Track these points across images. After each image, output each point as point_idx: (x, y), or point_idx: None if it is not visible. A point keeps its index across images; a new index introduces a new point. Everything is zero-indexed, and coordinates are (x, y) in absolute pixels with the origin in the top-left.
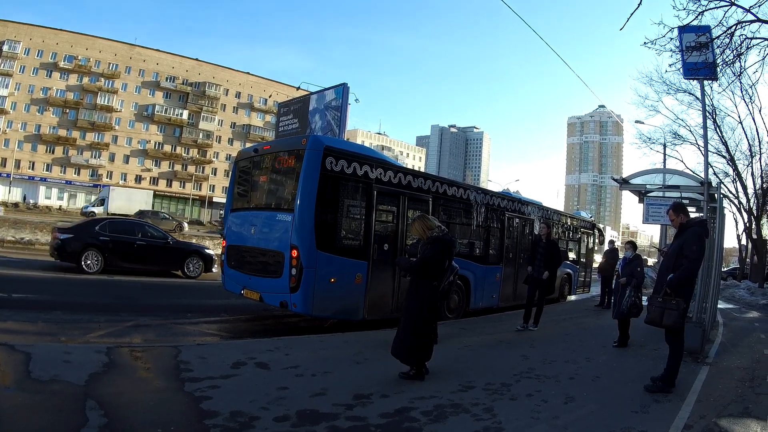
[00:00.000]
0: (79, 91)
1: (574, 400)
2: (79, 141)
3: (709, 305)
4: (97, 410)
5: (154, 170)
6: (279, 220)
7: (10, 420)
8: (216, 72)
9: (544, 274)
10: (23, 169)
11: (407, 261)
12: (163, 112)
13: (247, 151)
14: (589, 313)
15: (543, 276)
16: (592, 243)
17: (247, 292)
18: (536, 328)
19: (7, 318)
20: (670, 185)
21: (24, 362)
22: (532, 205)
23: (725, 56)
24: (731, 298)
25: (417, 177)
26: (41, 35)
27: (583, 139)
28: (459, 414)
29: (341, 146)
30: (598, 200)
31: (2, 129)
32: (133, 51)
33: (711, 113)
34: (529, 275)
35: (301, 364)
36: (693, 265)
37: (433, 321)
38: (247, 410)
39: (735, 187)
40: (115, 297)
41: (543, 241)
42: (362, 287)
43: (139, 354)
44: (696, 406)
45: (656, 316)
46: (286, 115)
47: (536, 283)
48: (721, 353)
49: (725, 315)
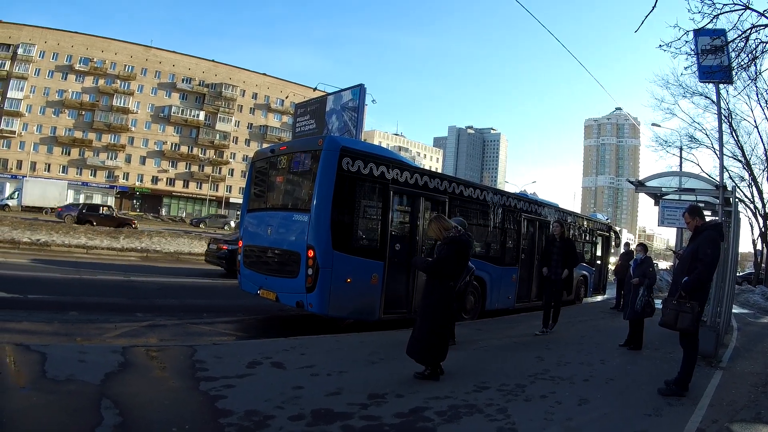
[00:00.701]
0: (95, 93)
1: (588, 402)
2: (95, 143)
3: (724, 309)
4: (113, 409)
5: (171, 171)
6: (295, 220)
7: (25, 419)
8: (232, 73)
9: (563, 273)
10: (39, 171)
11: (423, 261)
12: (180, 113)
13: (263, 151)
14: (605, 315)
15: (562, 276)
16: (608, 245)
17: (264, 292)
18: (553, 329)
19: (23, 319)
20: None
21: (39, 362)
22: (548, 207)
23: (740, 60)
24: (746, 303)
25: (433, 178)
26: (56, 38)
27: (600, 142)
28: (473, 414)
29: (357, 147)
30: (614, 203)
31: (18, 131)
32: (149, 53)
33: (727, 117)
34: (545, 277)
35: (317, 363)
36: (707, 269)
37: (448, 321)
38: (262, 409)
39: (751, 192)
40: (131, 297)
41: (557, 241)
42: (378, 287)
43: (155, 354)
44: (709, 410)
45: (670, 319)
46: (303, 115)
47: (553, 285)
48: (734, 358)
49: (740, 320)
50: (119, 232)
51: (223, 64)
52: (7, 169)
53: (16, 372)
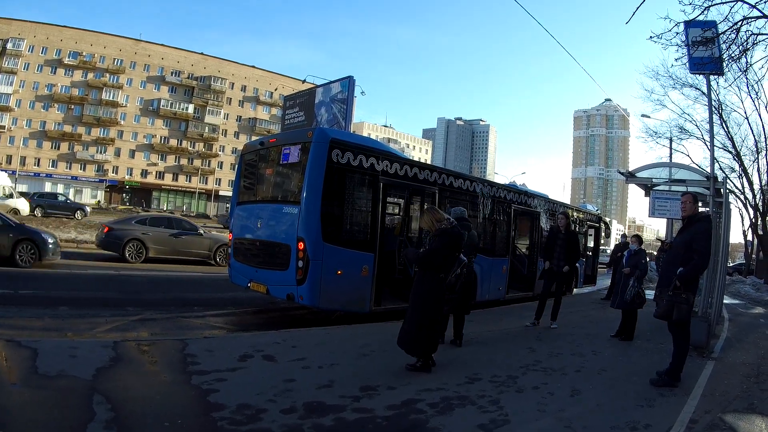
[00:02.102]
0: (84, 87)
1: (580, 393)
2: (84, 136)
3: (715, 300)
4: (105, 404)
5: (160, 164)
6: (285, 212)
7: (17, 415)
8: (221, 66)
9: (564, 267)
10: (29, 165)
11: (414, 252)
12: (169, 106)
13: (253, 144)
14: (596, 306)
15: (564, 269)
16: (598, 236)
17: (254, 285)
18: (556, 325)
19: (14, 314)
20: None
21: (31, 358)
22: (538, 198)
23: (731, 52)
24: (737, 294)
25: (423, 169)
26: (45, 32)
27: (590, 133)
28: (465, 406)
29: (347, 138)
30: (604, 194)
31: (7, 126)
32: (138, 46)
33: (717, 108)
34: (546, 270)
35: (308, 356)
36: (703, 261)
37: (439, 313)
38: (254, 403)
39: (741, 183)
40: (121, 291)
41: (562, 233)
42: (369, 279)
43: (146, 348)
44: (701, 400)
45: (667, 310)
46: (292, 108)
47: (554, 277)
48: (726, 348)
49: (731, 310)
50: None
51: (212, 57)
52: None
53: (7, 368)
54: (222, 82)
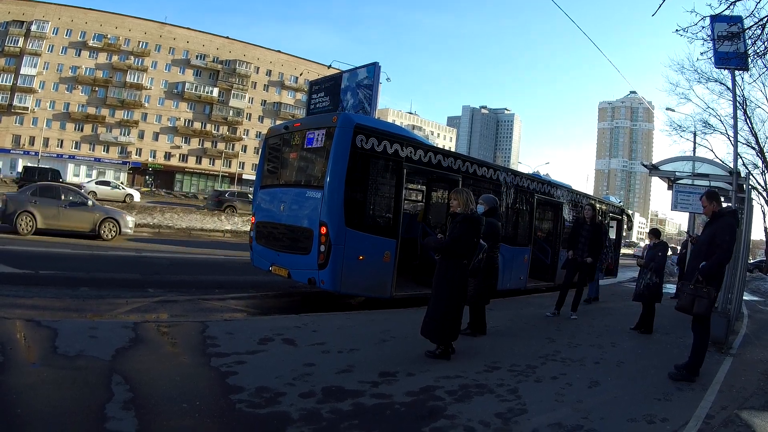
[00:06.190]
0: (109, 70)
1: (598, 385)
2: (108, 119)
3: (735, 296)
4: (123, 385)
5: (184, 147)
6: (308, 197)
7: (36, 395)
8: (246, 50)
9: (588, 258)
10: (51, 147)
11: (436, 240)
12: (193, 89)
13: (277, 128)
14: (616, 298)
15: (587, 260)
16: (620, 228)
17: (276, 269)
18: (576, 316)
19: (34, 294)
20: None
21: (50, 338)
22: (561, 188)
23: (757, 47)
24: (757, 291)
25: (447, 156)
26: (70, 14)
27: (614, 125)
28: (484, 394)
29: (372, 124)
30: (627, 186)
31: (31, 108)
32: (163, 29)
33: (741, 104)
34: (570, 260)
35: (328, 341)
36: (725, 255)
37: (463, 300)
38: (272, 386)
39: (764, 179)
40: (142, 273)
41: (587, 224)
42: (390, 265)
43: (166, 329)
44: (718, 396)
45: (687, 303)
46: (318, 93)
47: (577, 268)
48: (745, 345)
49: (750, 307)
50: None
51: (238, 41)
52: (19, 145)
53: (26, 348)
54: (247, 66)
